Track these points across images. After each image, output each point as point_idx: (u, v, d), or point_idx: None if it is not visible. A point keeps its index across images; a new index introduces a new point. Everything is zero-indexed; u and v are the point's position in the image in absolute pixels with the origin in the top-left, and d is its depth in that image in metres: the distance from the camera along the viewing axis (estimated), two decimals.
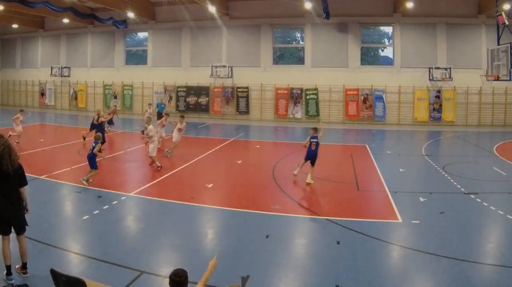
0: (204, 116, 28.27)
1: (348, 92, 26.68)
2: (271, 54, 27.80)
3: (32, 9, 24.82)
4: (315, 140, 11.33)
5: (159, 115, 20.95)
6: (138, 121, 26.12)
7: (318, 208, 9.57)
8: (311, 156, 11.36)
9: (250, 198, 10.21)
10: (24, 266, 5.75)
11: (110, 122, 19.81)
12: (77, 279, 3.92)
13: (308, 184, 11.06)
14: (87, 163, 10.97)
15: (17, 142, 15.92)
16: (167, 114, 17.24)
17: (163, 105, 23.01)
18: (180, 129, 14.84)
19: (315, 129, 11.64)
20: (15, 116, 16.92)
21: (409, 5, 23.82)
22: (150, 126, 13.05)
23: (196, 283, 4.44)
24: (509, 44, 20.26)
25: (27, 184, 5.85)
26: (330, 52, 26.95)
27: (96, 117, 16.74)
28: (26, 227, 5.80)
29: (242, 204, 9.60)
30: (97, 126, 16.26)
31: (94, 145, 10.83)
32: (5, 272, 5.56)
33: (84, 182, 10.55)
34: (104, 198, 9.59)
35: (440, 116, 26.24)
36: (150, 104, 21.95)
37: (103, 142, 11.82)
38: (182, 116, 15.36)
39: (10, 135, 15.70)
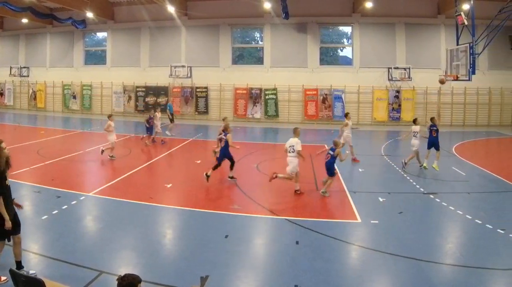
0: (163, 116, 26.73)
1: (307, 92, 25.95)
2: (230, 54, 27.02)
3: None
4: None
5: (173, 116, 20.87)
6: (99, 121, 25.43)
7: (277, 208, 9.25)
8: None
9: (209, 198, 10.11)
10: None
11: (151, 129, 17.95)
12: (36, 279, 3.88)
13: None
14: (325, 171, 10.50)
15: (112, 157, 13.91)
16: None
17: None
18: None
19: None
20: (106, 125, 14.26)
21: (368, 5, 23.29)
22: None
23: (155, 283, 4.64)
24: (468, 44, 19.72)
25: None
26: (289, 52, 26.26)
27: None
28: None
29: (201, 204, 9.48)
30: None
31: (331, 152, 10.53)
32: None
33: (325, 194, 10.20)
34: (63, 198, 9.38)
35: (399, 116, 25.60)
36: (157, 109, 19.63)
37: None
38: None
39: (103, 152, 14.03)
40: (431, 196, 10.21)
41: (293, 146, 10.60)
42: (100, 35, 29.36)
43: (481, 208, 9.36)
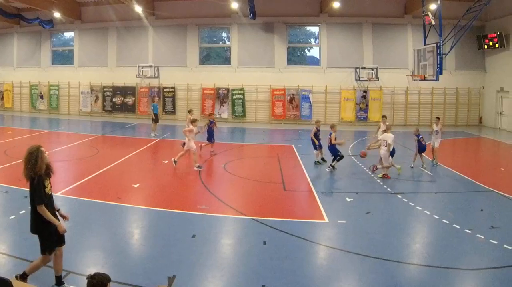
0: (130, 116, 26.67)
1: (275, 92, 25.40)
2: (197, 54, 26.42)
3: None
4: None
5: (157, 117, 19.93)
6: (66, 121, 24.90)
7: (244, 208, 9.10)
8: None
9: (176, 198, 9.95)
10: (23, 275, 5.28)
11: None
12: (3, 279, 3.75)
13: None
14: None
15: (199, 168, 12.70)
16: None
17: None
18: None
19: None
20: (187, 129, 13.21)
21: (336, 5, 22.83)
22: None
23: (122, 283, 4.64)
24: (435, 44, 19.37)
25: (37, 202, 5.08)
26: (257, 52, 25.74)
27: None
28: (47, 252, 5.19)
29: (169, 204, 9.34)
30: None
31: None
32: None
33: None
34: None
35: (367, 116, 25.12)
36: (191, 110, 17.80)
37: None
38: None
39: (175, 162, 12.82)
40: (399, 196, 10.12)
41: (387, 140, 11.78)
42: (68, 35, 28.64)
43: (448, 208, 9.28)
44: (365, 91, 25.08)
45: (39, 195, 5.05)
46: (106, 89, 26.99)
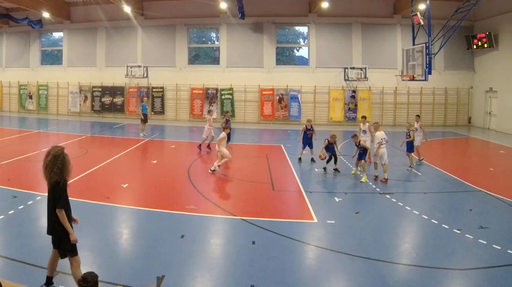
0: (119, 116, 26.42)
1: (263, 92, 25.20)
2: (186, 54, 26.20)
3: None
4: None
5: (145, 117, 19.59)
6: (55, 121, 24.68)
7: (233, 208, 9.07)
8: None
9: (165, 198, 9.84)
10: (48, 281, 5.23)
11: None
12: None
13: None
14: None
15: (214, 171, 12.09)
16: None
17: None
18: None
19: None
20: (220, 138, 12.35)
21: (324, 5, 22.64)
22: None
23: (111, 283, 4.72)
24: (424, 44, 19.23)
25: (60, 206, 4.93)
26: (246, 52, 25.54)
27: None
28: (69, 255, 5.04)
29: (158, 204, 9.27)
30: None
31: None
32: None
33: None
34: (20, 198, 9.15)
35: (355, 116, 24.85)
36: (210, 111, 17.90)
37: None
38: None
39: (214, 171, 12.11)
40: (387, 196, 10.05)
41: (385, 137, 11.44)
42: (57, 35, 28.39)
43: (437, 208, 9.24)
44: (354, 91, 24.90)
45: (64, 199, 4.95)
46: (95, 89, 26.75)
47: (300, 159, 14.20)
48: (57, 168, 4.88)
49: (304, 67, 25.65)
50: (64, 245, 4.97)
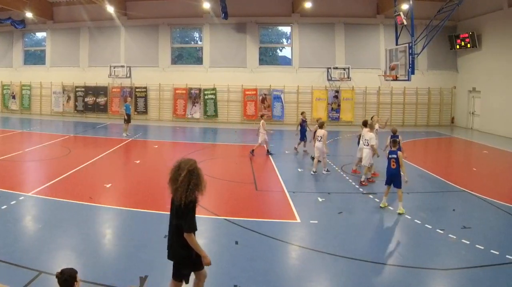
0: (102, 116, 25.88)
1: (247, 92, 24.74)
2: (169, 54, 25.74)
3: None
4: (394, 156, 8.73)
5: (129, 117, 19.13)
6: (39, 121, 24.23)
7: (216, 208, 8.87)
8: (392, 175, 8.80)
9: (148, 198, 9.70)
10: None
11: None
12: None
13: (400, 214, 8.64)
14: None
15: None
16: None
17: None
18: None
19: (395, 142, 8.98)
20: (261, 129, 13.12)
21: (308, 5, 22.28)
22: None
23: (94, 283, 4.80)
24: (407, 44, 18.86)
25: (190, 230, 4.27)
26: (229, 52, 25.08)
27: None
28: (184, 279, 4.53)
29: (141, 204, 9.13)
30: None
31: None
32: None
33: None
34: (2, 197, 9.02)
35: (339, 116, 24.51)
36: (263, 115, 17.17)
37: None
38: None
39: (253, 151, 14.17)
40: (371, 196, 9.94)
41: (367, 139, 10.87)
42: (40, 35, 27.85)
43: (420, 208, 9.12)
44: (337, 91, 24.49)
45: (193, 221, 4.30)
46: (78, 89, 26.23)
47: (296, 148, 15.45)
48: (193, 184, 4.21)
49: (287, 67, 25.22)
50: (182, 270, 4.49)
